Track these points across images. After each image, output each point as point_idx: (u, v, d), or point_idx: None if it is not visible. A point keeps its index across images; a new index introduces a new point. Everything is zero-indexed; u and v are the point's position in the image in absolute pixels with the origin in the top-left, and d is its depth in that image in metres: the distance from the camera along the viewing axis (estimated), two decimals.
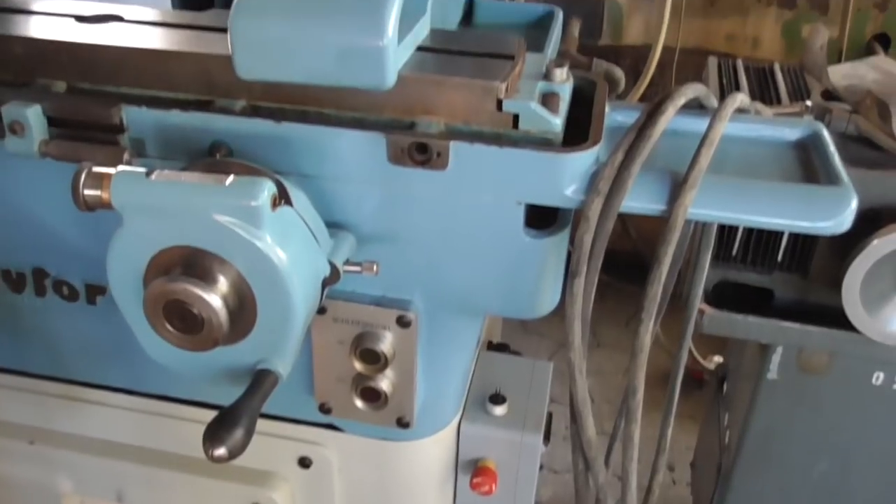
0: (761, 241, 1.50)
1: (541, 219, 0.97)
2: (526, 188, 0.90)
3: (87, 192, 0.79)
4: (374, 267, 0.93)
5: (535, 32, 1.30)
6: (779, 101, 1.72)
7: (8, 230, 1.09)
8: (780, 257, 1.50)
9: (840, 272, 1.40)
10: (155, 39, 1.00)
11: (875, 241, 1.36)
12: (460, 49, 0.99)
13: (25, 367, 1.24)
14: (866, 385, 1.56)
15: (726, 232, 1.51)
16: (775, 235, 1.51)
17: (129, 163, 0.90)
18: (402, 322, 1.02)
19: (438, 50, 0.98)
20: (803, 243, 1.49)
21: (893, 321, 1.42)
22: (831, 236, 0.99)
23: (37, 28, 1.03)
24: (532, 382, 1.27)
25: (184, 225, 0.80)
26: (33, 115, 0.90)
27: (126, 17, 1.06)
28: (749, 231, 1.50)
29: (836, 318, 1.44)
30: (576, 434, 1.05)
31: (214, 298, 0.80)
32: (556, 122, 0.91)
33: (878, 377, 1.55)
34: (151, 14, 1.08)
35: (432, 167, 0.89)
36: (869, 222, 1.38)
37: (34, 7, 1.10)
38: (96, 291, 1.12)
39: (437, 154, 0.88)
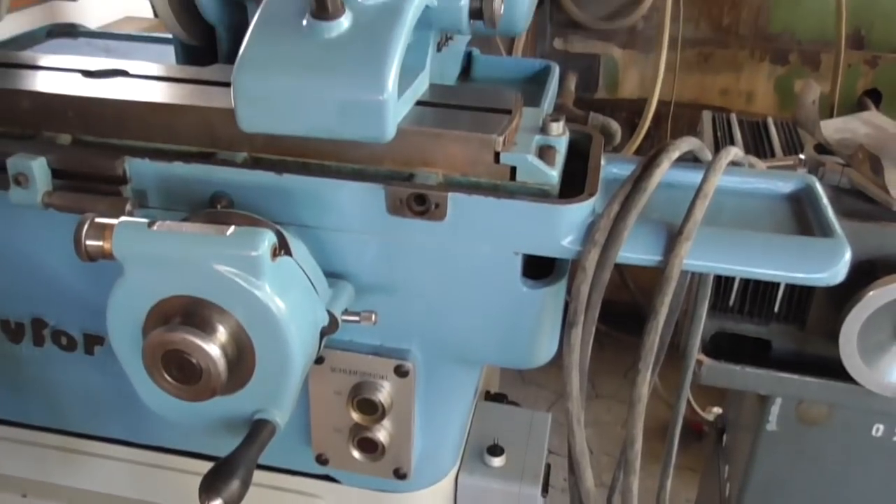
0: (758, 293, 1.51)
1: (538, 269, 0.97)
2: (523, 239, 0.91)
3: (90, 242, 0.80)
4: (373, 316, 0.93)
5: (532, 87, 1.33)
6: (773, 155, 1.75)
7: (9, 280, 1.09)
8: (777, 308, 1.51)
9: (837, 323, 1.41)
10: (159, 93, 1.02)
11: (871, 293, 1.37)
12: (459, 103, 1.01)
13: (21, 418, 1.23)
14: (866, 437, 1.55)
15: (723, 283, 1.52)
16: (772, 287, 1.51)
17: (131, 214, 0.91)
18: (400, 372, 1.02)
19: (437, 104, 1.00)
20: (800, 294, 1.49)
21: (891, 373, 1.42)
22: (827, 288, 1.00)
23: (44, 82, 1.05)
24: (530, 433, 1.26)
25: (184, 275, 0.81)
26: (38, 167, 0.92)
27: (132, 72, 1.08)
28: (746, 282, 1.51)
29: (835, 370, 1.44)
30: (574, 486, 1.04)
31: (213, 348, 0.81)
32: (553, 174, 0.92)
33: (878, 429, 1.54)
34: (156, 69, 1.11)
35: (431, 218, 0.90)
36: (864, 274, 1.39)
37: (44, 62, 1.13)
38: (94, 341, 1.12)
39: (436, 205, 0.90)
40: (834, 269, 0.90)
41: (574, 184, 0.96)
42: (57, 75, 1.08)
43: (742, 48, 2.68)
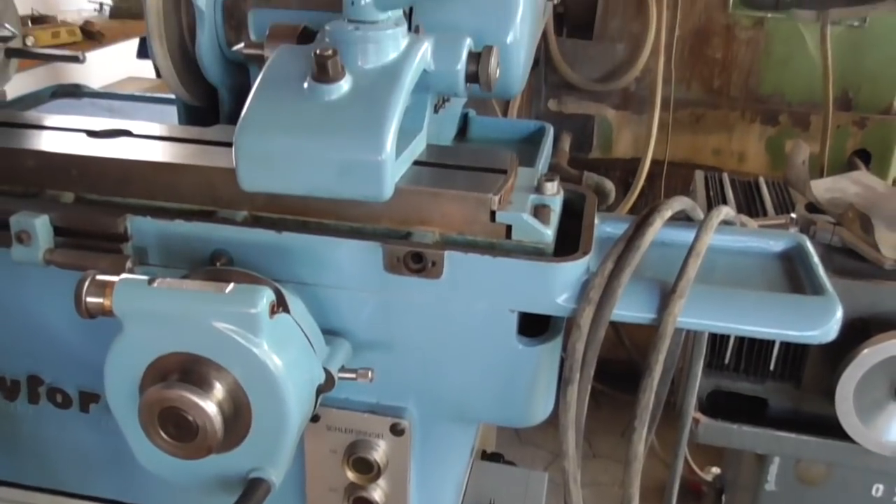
0: (753, 350, 1.51)
1: (534, 327, 0.98)
2: (519, 296, 0.92)
3: (90, 299, 0.81)
4: (369, 374, 0.94)
5: (528, 147, 1.36)
6: (765, 213, 1.77)
7: (6, 337, 1.09)
8: (772, 366, 1.51)
9: (833, 382, 1.41)
10: (162, 153, 1.04)
11: (865, 351, 1.38)
12: (455, 163, 1.03)
13: (14, 477, 1.22)
14: (866, 497, 1.54)
15: (718, 341, 1.52)
16: (767, 344, 1.52)
17: (131, 271, 0.92)
18: (396, 430, 1.02)
19: (434, 164, 1.02)
20: (795, 353, 1.50)
21: (889, 431, 1.42)
22: (822, 346, 1.00)
23: (49, 142, 1.07)
24: (527, 494, 1.25)
25: (183, 332, 0.81)
26: (41, 225, 0.93)
27: (135, 132, 1.10)
28: (741, 340, 1.51)
29: (832, 428, 1.44)
30: None
31: (210, 405, 0.81)
32: (548, 232, 0.94)
33: (878, 489, 1.53)
34: (159, 129, 1.13)
35: (427, 276, 0.91)
36: (858, 332, 1.40)
37: (48, 122, 1.15)
38: (90, 399, 1.12)
39: (432, 263, 0.91)
40: (826, 327, 0.91)
41: (569, 242, 0.98)
42: (61, 135, 1.10)
43: (733, 109, 2.74)
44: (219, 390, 0.82)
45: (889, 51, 2.58)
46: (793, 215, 1.66)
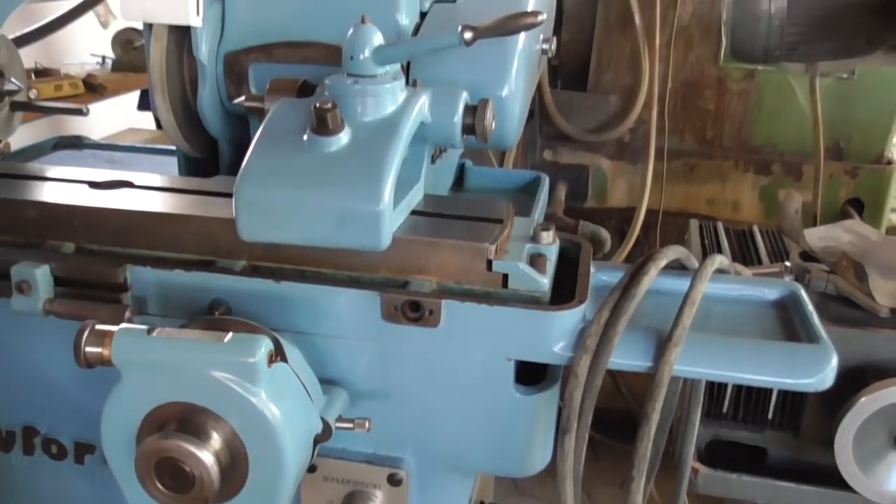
0: (751, 399, 1.51)
1: (531, 375, 0.98)
2: (516, 345, 0.93)
3: (89, 349, 0.81)
4: (367, 424, 0.93)
5: (523, 197, 1.37)
6: (759, 262, 1.79)
7: (2, 387, 1.09)
8: (770, 415, 1.51)
9: (831, 430, 1.41)
10: (163, 204, 1.06)
11: (863, 399, 1.38)
12: (452, 213, 1.05)
13: None
14: None
15: (716, 389, 1.52)
16: (765, 393, 1.52)
17: (130, 320, 0.92)
18: (394, 480, 1.01)
19: (432, 214, 1.04)
20: (793, 401, 1.50)
21: (889, 480, 1.41)
22: (820, 394, 1.01)
23: (51, 193, 1.09)
24: None
25: (181, 381, 0.81)
26: (41, 275, 0.94)
27: (136, 183, 1.12)
28: (739, 388, 1.51)
29: (832, 478, 1.43)
30: None
31: (207, 455, 0.81)
32: (544, 281, 0.95)
33: None
34: (160, 180, 1.15)
35: (425, 324, 0.92)
36: (855, 380, 1.40)
37: (50, 174, 1.17)
38: (85, 450, 1.11)
39: (430, 312, 0.92)
40: (822, 375, 0.91)
41: (565, 291, 0.98)
42: (63, 186, 1.12)
43: (726, 159, 2.77)
44: (216, 440, 0.82)
45: (878, 102, 2.62)
46: (787, 264, 1.68)
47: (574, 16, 2.68)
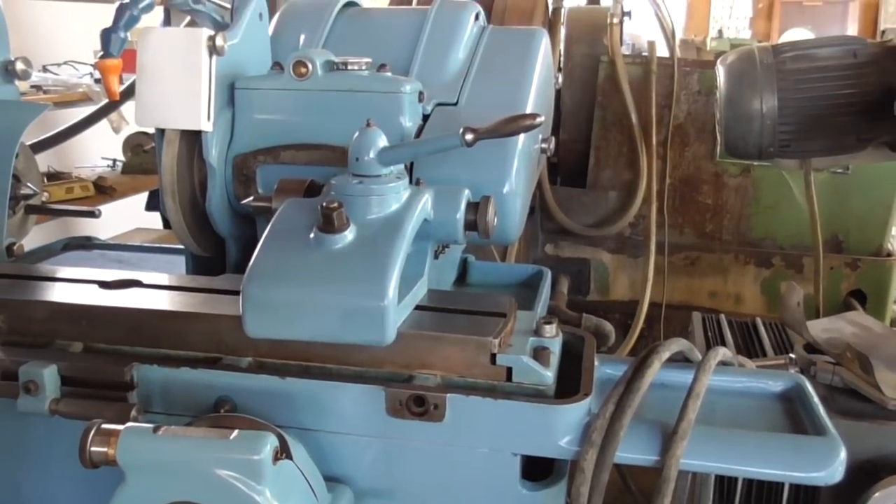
0: (763, 493, 1.48)
1: (537, 472, 0.98)
2: (521, 439, 0.93)
3: (94, 448, 0.81)
4: None
5: (526, 291, 1.39)
6: (763, 354, 1.78)
7: (7, 488, 1.08)
8: None
9: None
10: (170, 302, 1.07)
11: (876, 494, 1.35)
12: (456, 307, 1.06)
13: None
14: None
15: (727, 483, 1.49)
16: (777, 487, 1.49)
17: (135, 419, 0.92)
18: None
19: (435, 308, 1.05)
20: (805, 496, 1.46)
21: None
22: (833, 489, 0.99)
23: (61, 293, 1.11)
24: None
25: (186, 480, 0.81)
26: (49, 375, 0.95)
27: (145, 282, 1.14)
28: (749, 482, 1.48)
29: None
30: None
31: None
32: (548, 374, 0.95)
33: None
34: (168, 279, 1.17)
35: (430, 419, 0.92)
36: (868, 474, 1.38)
37: (60, 274, 1.19)
38: None
39: (435, 406, 0.92)
40: (831, 469, 0.90)
41: (569, 384, 0.99)
42: (73, 286, 1.13)
43: (727, 252, 2.79)
44: None
45: (873, 196, 2.67)
46: (792, 356, 1.67)
47: (572, 115, 2.76)
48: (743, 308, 2.76)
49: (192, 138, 1.23)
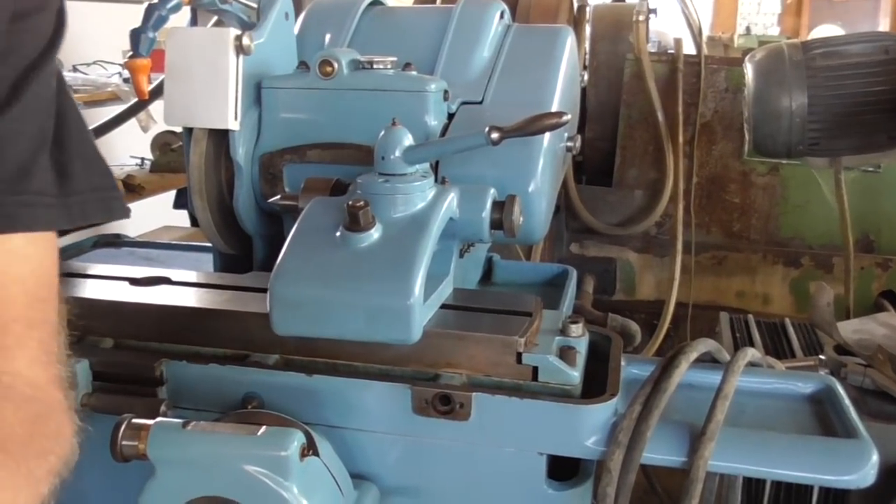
0: (791, 496, 1.46)
1: (563, 471, 0.97)
2: (547, 439, 0.92)
3: (125, 442, 0.82)
4: None
5: (551, 290, 1.38)
6: (792, 355, 1.76)
7: None
8: None
9: None
10: (199, 299, 1.09)
11: None
12: (481, 306, 1.06)
13: None
14: None
15: (755, 486, 1.48)
16: (806, 490, 1.47)
17: (165, 414, 0.94)
18: None
19: (461, 307, 1.05)
20: (835, 499, 1.45)
21: None
22: (863, 492, 0.98)
23: (92, 290, 1.12)
24: None
25: (215, 475, 0.82)
26: (81, 370, 0.96)
27: (173, 279, 1.15)
28: (778, 485, 1.47)
29: None
30: None
31: None
32: (575, 374, 0.95)
33: None
34: (196, 276, 1.18)
35: (455, 418, 0.92)
36: None
37: (92, 271, 1.20)
38: None
39: (460, 405, 0.92)
40: (862, 472, 0.89)
41: (595, 385, 0.98)
42: (104, 283, 1.15)
43: (755, 252, 2.76)
44: None
45: None
46: (822, 357, 1.65)
47: (597, 114, 2.75)
48: (771, 308, 2.73)
49: (220, 137, 1.24)
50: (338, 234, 0.94)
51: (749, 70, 1.90)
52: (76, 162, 0.77)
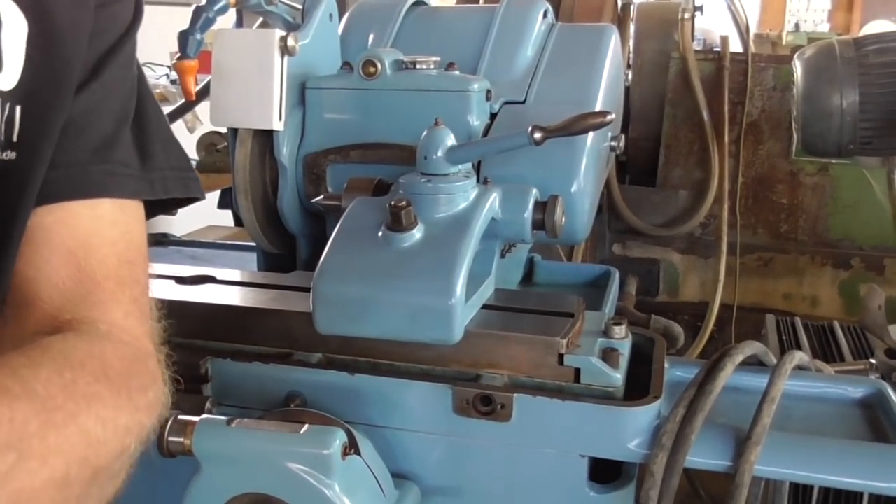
0: (840, 503, 1.43)
1: (605, 474, 0.96)
2: (589, 441, 0.92)
3: (172, 438, 0.84)
4: None
5: (593, 291, 1.37)
6: (841, 359, 1.72)
7: None
8: None
9: None
10: (243, 298, 1.10)
11: None
12: (523, 307, 1.05)
13: None
14: None
15: (801, 493, 1.45)
16: (856, 497, 1.43)
17: (210, 411, 0.95)
18: None
19: (502, 308, 1.05)
20: None
21: None
22: None
23: None
24: None
25: (258, 471, 0.83)
26: None
27: (219, 278, 1.17)
28: (826, 491, 1.43)
29: None
30: None
31: None
32: (617, 376, 0.94)
33: None
34: (240, 275, 1.20)
35: (496, 419, 0.92)
36: None
37: None
38: None
39: (501, 406, 0.92)
40: None
41: (638, 387, 0.97)
42: (151, 282, 1.17)
43: (802, 254, 2.71)
44: None
45: None
46: (872, 361, 1.61)
47: (642, 113, 2.72)
48: (819, 311, 2.68)
49: (264, 137, 1.26)
50: (380, 233, 0.94)
51: (798, 68, 1.86)
52: (156, 142, 0.82)
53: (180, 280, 1.15)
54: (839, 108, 1.75)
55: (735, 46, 2.69)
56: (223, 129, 1.64)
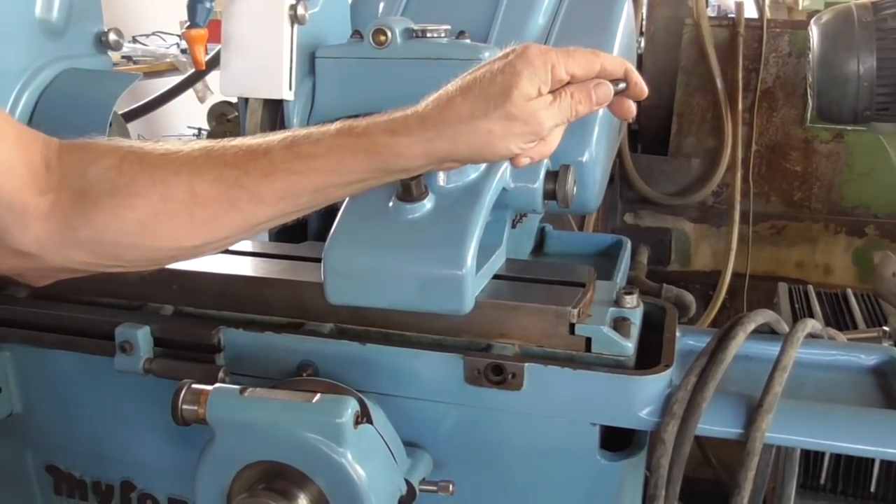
0: (851, 470, 1.43)
1: (616, 442, 0.97)
2: (600, 410, 0.92)
3: (185, 406, 0.85)
4: (450, 487, 0.93)
5: (605, 261, 1.37)
6: (854, 326, 1.72)
7: (104, 443, 1.14)
8: (873, 487, 1.42)
9: None
10: (254, 269, 1.10)
11: None
12: (534, 277, 1.05)
13: None
14: None
15: (812, 460, 1.45)
16: (866, 463, 1.44)
17: (223, 381, 0.96)
18: None
19: (513, 278, 1.05)
20: None
21: None
22: None
23: None
24: None
25: (271, 440, 0.84)
26: (142, 336, 0.99)
27: (231, 249, 1.17)
28: (837, 458, 1.44)
29: None
30: None
31: None
32: (628, 345, 0.94)
33: None
34: (251, 246, 1.20)
35: (507, 388, 0.92)
36: None
37: None
38: None
39: (512, 375, 0.92)
40: None
41: (649, 356, 0.97)
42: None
43: (816, 221, 2.69)
44: (303, 500, 0.84)
45: None
46: (885, 328, 1.61)
47: (654, 81, 2.69)
48: (832, 279, 2.67)
49: (275, 107, 1.25)
50: (391, 204, 0.94)
51: (814, 33, 1.83)
52: None
53: None
54: (856, 74, 1.73)
55: (750, 12, 2.65)
56: (233, 99, 1.64)
